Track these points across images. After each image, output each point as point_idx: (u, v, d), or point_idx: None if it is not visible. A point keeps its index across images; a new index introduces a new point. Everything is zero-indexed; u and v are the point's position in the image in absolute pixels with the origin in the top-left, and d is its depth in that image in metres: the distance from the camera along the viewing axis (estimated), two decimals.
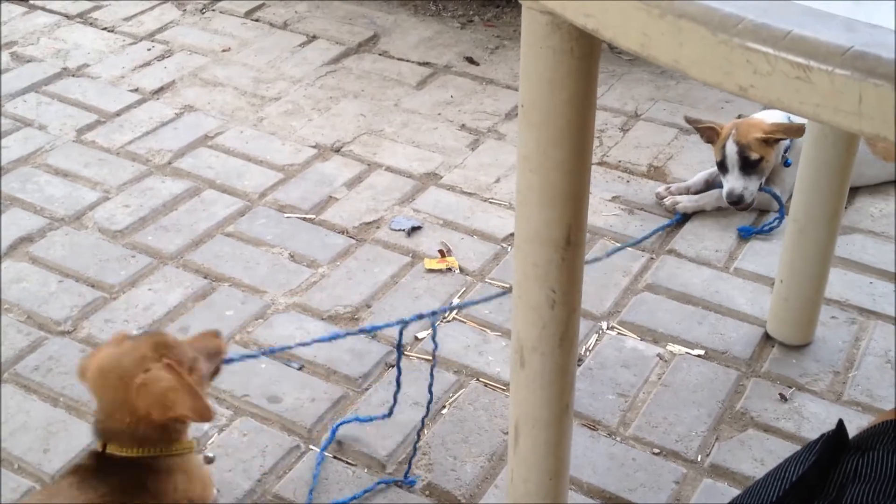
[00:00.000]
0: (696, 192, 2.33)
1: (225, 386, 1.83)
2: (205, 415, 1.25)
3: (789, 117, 2.30)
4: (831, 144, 1.71)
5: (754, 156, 2.21)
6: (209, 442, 1.72)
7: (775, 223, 2.23)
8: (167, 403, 1.24)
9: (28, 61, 2.91)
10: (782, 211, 2.22)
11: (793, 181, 2.20)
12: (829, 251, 1.83)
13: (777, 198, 2.24)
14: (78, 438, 1.72)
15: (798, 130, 2.17)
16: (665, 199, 2.25)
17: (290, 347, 1.78)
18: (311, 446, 1.72)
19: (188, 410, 1.24)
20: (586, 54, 1.08)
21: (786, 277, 1.87)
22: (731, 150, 2.22)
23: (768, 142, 2.21)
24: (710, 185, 2.34)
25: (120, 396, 1.25)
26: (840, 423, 0.91)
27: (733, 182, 2.22)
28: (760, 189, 2.24)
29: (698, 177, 2.37)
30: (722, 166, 2.26)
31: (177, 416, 1.25)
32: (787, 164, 2.28)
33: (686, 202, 2.25)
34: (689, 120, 2.36)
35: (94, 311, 2.01)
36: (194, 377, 1.29)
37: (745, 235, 2.22)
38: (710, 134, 2.30)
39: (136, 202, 2.33)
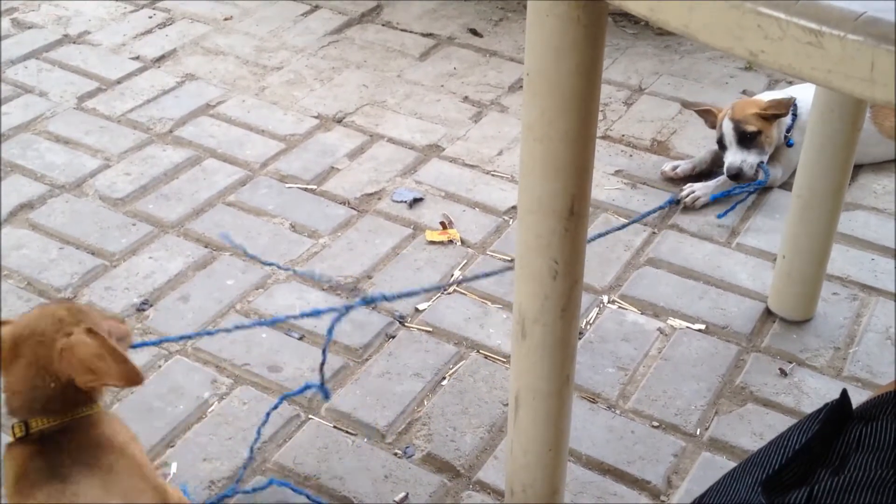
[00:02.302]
0: (702, 171, 2.33)
1: (225, 355, 1.83)
2: (134, 380, 1.17)
3: (791, 93, 2.30)
4: (836, 119, 1.70)
5: (750, 128, 2.22)
6: (209, 410, 1.73)
7: (749, 188, 2.23)
8: (94, 369, 1.16)
9: (29, 28, 2.90)
10: (760, 183, 2.23)
11: (796, 158, 2.21)
12: (832, 227, 1.82)
13: (765, 171, 2.24)
14: None
15: (788, 104, 2.21)
16: (685, 198, 2.23)
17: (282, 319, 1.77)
18: (311, 416, 1.72)
19: (117, 377, 1.17)
20: (593, 22, 1.07)
21: (788, 253, 1.87)
22: (728, 126, 2.25)
23: (765, 117, 2.21)
24: (716, 162, 2.33)
25: (40, 362, 1.17)
26: (844, 393, 0.91)
27: (732, 156, 2.24)
28: (760, 166, 2.24)
29: (703, 155, 2.36)
30: (721, 144, 2.28)
31: (104, 383, 1.18)
32: (789, 143, 2.28)
33: (702, 196, 2.23)
34: (686, 105, 2.38)
35: (95, 279, 2.01)
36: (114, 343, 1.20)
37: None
38: (710, 118, 2.32)
39: (137, 170, 2.32)
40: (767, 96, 2.32)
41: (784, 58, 0.71)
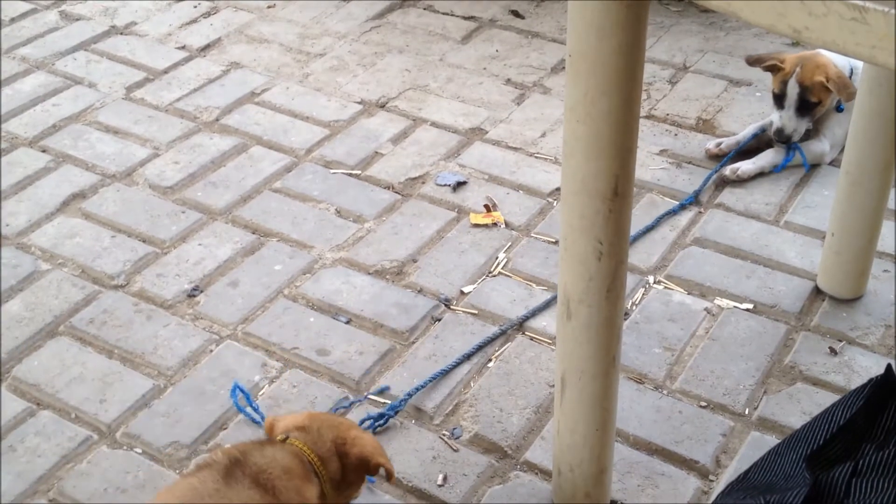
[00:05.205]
0: (747, 147, 2.30)
1: (275, 339, 1.86)
2: (392, 474, 1.38)
3: (850, 61, 2.25)
4: (885, 94, 1.67)
5: (814, 99, 2.18)
6: (260, 393, 1.75)
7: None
8: (378, 454, 1.37)
9: (77, 20, 2.94)
10: (787, 159, 2.24)
11: (843, 132, 2.17)
12: (881, 203, 1.79)
13: (800, 151, 2.25)
14: (132, 389, 1.77)
15: (853, 94, 2.16)
16: (726, 171, 2.22)
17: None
18: (359, 398, 1.74)
19: (385, 461, 1.37)
20: (635, 1, 1.06)
21: (837, 230, 1.84)
22: (793, 89, 2.20)
23: (829, 88, 2.17)
24: (760, 137, 2.30)
25: (336, 440, 1.37)
26: (889, 368, 0.90)
27: (786, 120, 2.21)
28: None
29: (748, 130, 2.33)
30: (778, 100, 2.23)
31: (376, 462, 1.37)
32: (839, 109, 2.24)
33: (746, 168, 2.22)
34: (749, 60, 2.30)
35: (147, 266, 2.04)
36: None
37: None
38: (773, 69, 2.25)
39: (185, 159, 2.36)
40: (834, 58, 2.23)
41: (828, 34, 0.71)
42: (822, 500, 0.80)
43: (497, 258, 2.05)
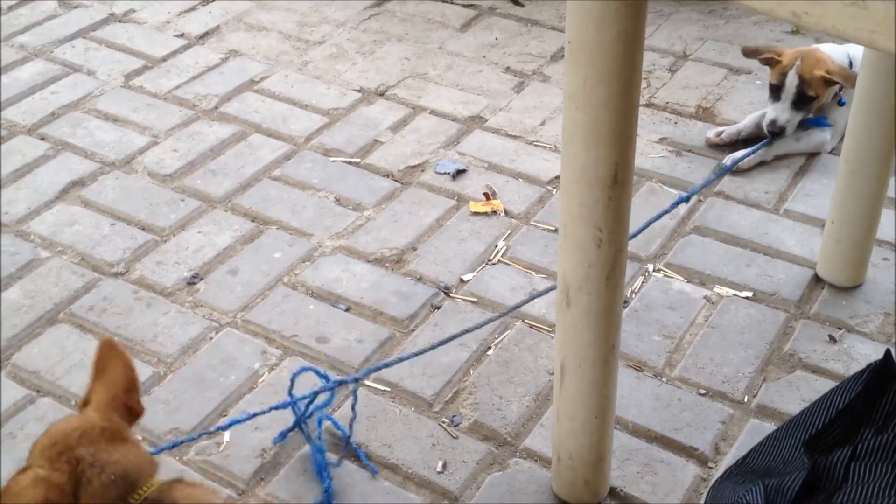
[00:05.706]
0: (748, 136, 2.29)
1: (274, 326, 1.86)
2: None
3: (848, 54, 2.25)
4: (885, 82, 1.67)
5: (811, 93, 2.17)
6: (260, 380, 1.76)
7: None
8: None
9: (75, 7, 2.94)
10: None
11: (843, 120, 2.18)
12: (881, 191, 1.79)
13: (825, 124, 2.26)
14: None
15: (854, 79, 2.15)
16: (726, 162, 2.22)
17: None
18: (360, 386, 1.75)
19: None
20: None
21: (837, 218, 1.85)
22: (792, 81, 2.18)
23: (827, 82, 2.17)
24: (761, 127, 2.30)
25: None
26: (888, 353, 0.90)
27: (780, 112, 2.20)
28: (807, 123, 2.23)
29: (749, 119, 2.32)
30: (775, 92, 2.22)
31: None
32: (841, 102, 2.24)
33: (747, 159, 2.21)
34: (746, 51, 2.29)
35: (146, 253, 2.04)
36: None
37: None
38: (771, 62, 2.24)
39: (184, 146, 2.36)
40: (832, 51, 2.23)
41: (828, 19, 0.71)
42: (820, 484, 0.80)
43: (496, 246, 2.05)
